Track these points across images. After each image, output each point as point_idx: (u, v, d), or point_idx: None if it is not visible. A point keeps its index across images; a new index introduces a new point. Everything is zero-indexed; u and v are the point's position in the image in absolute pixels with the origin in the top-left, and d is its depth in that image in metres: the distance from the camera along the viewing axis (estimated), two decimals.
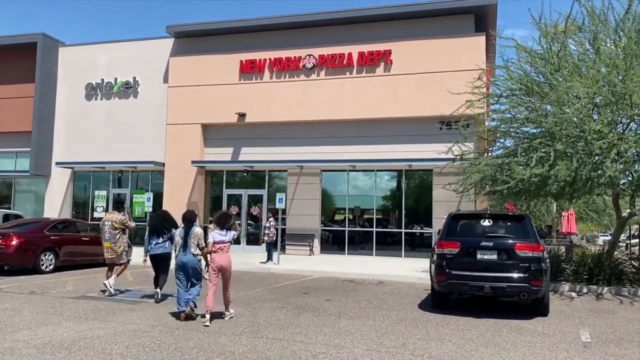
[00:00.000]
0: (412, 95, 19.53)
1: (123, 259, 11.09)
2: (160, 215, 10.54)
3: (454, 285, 9.05)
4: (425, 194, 20.12)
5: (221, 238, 8.31)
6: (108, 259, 10.95)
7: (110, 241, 10.82)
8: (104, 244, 10.91)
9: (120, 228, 10.96)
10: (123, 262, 11.11)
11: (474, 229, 9.54)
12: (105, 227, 10.88)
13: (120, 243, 10.97)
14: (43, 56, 24.07)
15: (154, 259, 10.14)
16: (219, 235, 8.33)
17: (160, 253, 10.00)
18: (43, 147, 24.08)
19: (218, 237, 8.30)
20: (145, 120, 23.05)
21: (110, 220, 10.94)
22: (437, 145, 19.13)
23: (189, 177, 21.82)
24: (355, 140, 20.37)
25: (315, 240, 20.54)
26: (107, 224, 10.89)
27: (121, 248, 10.99)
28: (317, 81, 20.69)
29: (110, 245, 10.82)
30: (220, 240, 8.29)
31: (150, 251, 10.08)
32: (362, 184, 20.99)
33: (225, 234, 8.36)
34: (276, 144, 21.28)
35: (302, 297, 10.74)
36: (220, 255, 8.25)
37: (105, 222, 10.96)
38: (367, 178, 20.84)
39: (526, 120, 12.67)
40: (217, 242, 8.28)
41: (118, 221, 10.96)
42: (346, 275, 14.56)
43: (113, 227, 10.87)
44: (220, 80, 21.78)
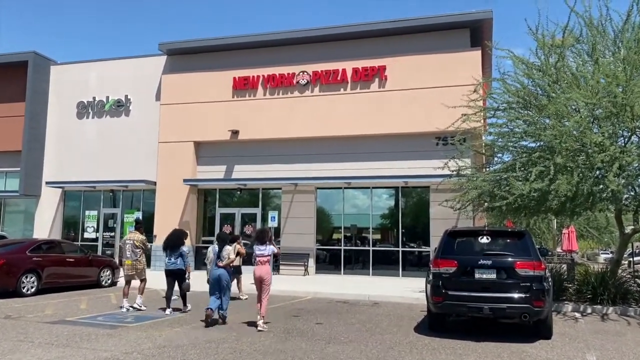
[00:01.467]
0: (408, 111, 19.18)
1: (143, 276, 11.76)
2: (177, 234, 11.48)
3: (451, 306, 8.53)
4: (422, 211, 19.64)
5: (261, 252, 9.38)
6: (128, 275, 11.62)
7: (132, 259, 11.55)
8: (124, 262, 11.62)
9: (140, 247, 11.70)
10: (143, 279, 11.80)
11: (471, 247, 9.05)
12: (126, 246, 11.62)
13: (141, 261, 11.70)
14: (34, 75, 23.78)
15: (169, 275, 11.10)
16: (259, 249, 9.39)
17: (176, 269, 11.03)
18: (33, 167, 23.63)
19: (258, 251, 9.38)
20: (137, 138, 22.66)
21: (132, 239, 11.68)
22: (433, 161, 18.60)
23: (181, 196, 21.35)
24: (350, 157, 19.95)
25: (311, 259, 19.99)
26: (129, 242, 11.64)
27: (141, 266, 11.70)
28: (311, 97, 20.36)
29: (131, 262, 11.55)
30: (260, 254, 9.37)
31: (165, 267, 11.18)
32: (358, 201, 20.52)
33: (265, 248, 9.41)
34: (270, 162, 20.86)
35: (292, 320, 10.20)
36: (260, 267, 9.32)
37: (127, 241, 11.73)
38: (363, 196, 20.38)
39: (524, 134, 12.26)
40: (257, 256, 9.36)
41: (139, 240, 11.71)
42: (341, 296, 14.01)
43: (135, 246, 11.62)
44: (213, 97, 21.45)
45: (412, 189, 19.88)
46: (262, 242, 9.45)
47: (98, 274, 15.62)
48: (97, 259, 16.04)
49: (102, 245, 23.03)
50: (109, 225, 23.22)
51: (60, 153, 23.89)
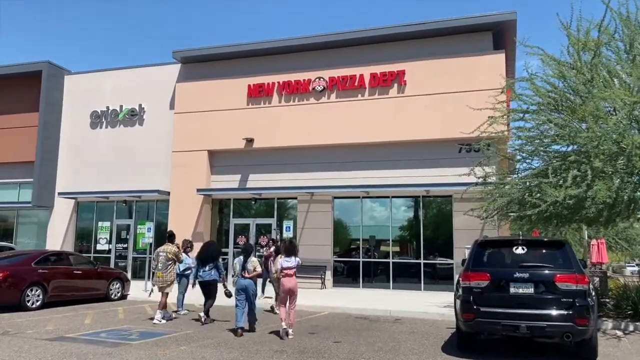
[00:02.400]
0: (428, 117, 18.41)
1: (169, 289, 11.66)
2: (214, 246, 12.12)
3: (484, 324, 7.69)
4: (444, 221, 18.78)
5: (288, 264, 9.66)
6: (161, 287, 11.61)
7: (162, 270, 11.59)
8: (156, 273, 11.68)
9: (172, 259, 11.78)
10: (166, 292, 11.62)
11: (505, 258, 8.21)
12: (159, 257, 11.66)
13: (171, 273, 11.72)
14: (48, 84, 23.52)
15: (204, 286, 11.41)
16: (286, 262, 9.69)
17: (211, 280, 11.34)
18: (46, 178, 23.29)
19: (285, 264, 9.67)
20: (151, 148, 22.21)
21: (165, 251, 11.73)
22: (456, 169, 17.86)
23: (194, 207, 20.77)
24: (369, 165, 19.20)
25: (328, 272, 19.21)
26: (162, 254, 11.69)
27: (170, 278, 11.68)
28: (328, 104, 19.70)
29: (161, 274, 11.58)
30: (287, 266, 9.65)
31: (199, 278, 11.48)
32: (377, 211, 19.72)
33: (292, 260, 9.72)
34: (285, 170, 20.20)
35: (308, 338, 9.42)
36: (289, 279, 9.61)
37: (160, 252, 11.75)
38: (382, 205, 19.58)
39: (557, 137, 11.39)
40: (285, 268, 9.65)
41: (172, 253, 11.80)
42: (360, 311, 13.20)
43: (167, 258, 11.68)
44: (227, 105, 20.92)
45: (433, 198, 19.03)
46: (290, 255, 9.78)
47: (107, 287, 15.05)
48: (106, 271, 15.47)
49: (115, 257, 22.52)
50: (121, 237, 22.72)
51: (74, 163, 23.54)
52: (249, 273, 10.00)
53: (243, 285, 9.91)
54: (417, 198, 19.01)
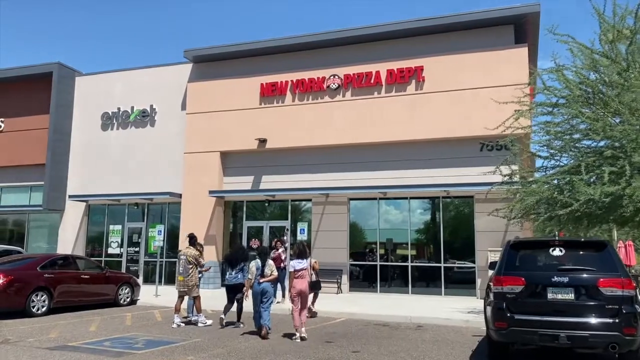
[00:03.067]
0: (448, 115, 17.68)
1: (195, 292, 11.33)
2: (241, 249, 12.01)
3: (518, 333, 6.98)
4: (465, 223, 18.02)
5: (301, 266, 9.71)
6: (180, 291, 11.32)
7: (183, 274, 11.22)
8: (177, 277, 11.41)
9: (193, 263, 11.38)
10: (196, 295, 11.33)
11: (541, 261, 7.49)
12: (180, 261, 11.40)
13: (192, 277, 11.29)
14: (59, 86, 23.21)
15: (230, 289, 11.22)
16: (299, 263, 9.71)
17: (238, 284, 11.05)
18: (57, 180, 22.96)
19: (298, 266, 9.69)
20: (162, 149, 21.76)
21: (186, 254, 11.41)
22: (476, 168, 17.30)
23: (207, 209, 20.24)
24: (386, 165, 18.52)
25: (344, 276, 18.55)
26: (182, 257, 11.40)
27: (192, 282, 11.27)
28: (343, 102, 19.07)
29: (182, 278, 11.21)
30: (300, 268, 9.69)
31: (226, 281, 11.40)
32: (394, 213, 19.02)
33: (304, 262, 9.77)
34: (299, 171, 19.60)
35: (325, 348, 8.78)
36: (300, 281, 9.65)
37: (181, 256, 11.49)
38: (400, 207, 18.86)
39: (590, 131, 10.64)
40: (297, 270, 9.68)
41: (192, 256, 11.41)
42: (379, 317, 12.51)
43: (187, 262, 11.32)
44: (239, 105, 20.39)
45: (454, 199, 18.27)
46: (302, 257, 9.82)
47: (116, 291, 14.55)
48: (114, 275, 14.97)
49: (127, 261, 22.08)
50: (133, 240, 22.27)
51: (85, 166, 23.19)
52: (266, 277, 9.98)
53: (260, 289, 9.90)
54: (436, 199, 18.28)
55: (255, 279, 10.00)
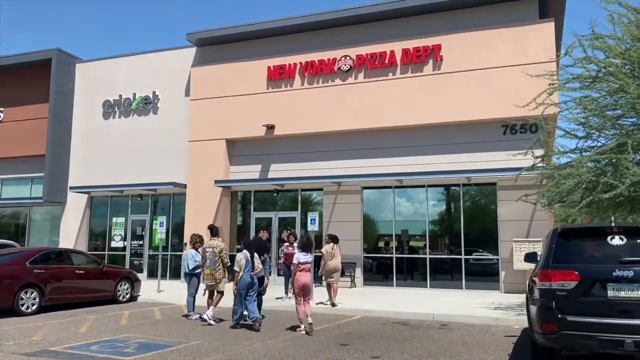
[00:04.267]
0: (467, 96, 16.47)
1: (222, 287, 10.80)
2: (262, 240, 11.64)
3: (572, 338, 5.84)
4: (488, 212, 16.83)
5: (305, 259, 9.54)
6: (208, 285, 10.70)
7: (211, 268, 10.60)
8: (204, 271, 10.73)
9: (219, 256, 10.72)
10: (220, 291, 10.77)
11: (597, 251, 6.31)
12: (207, 254, 10.71)
13: (220, 270, 10.72)
14: (58, 73, 22.26)
15: None
16: (303, 257, 9.55)
17: (261, 276, 10.46)
18: (58, 171, 22.06)
19: (303, 259, 9.52)
20: (166, 138, 20.76)
21: (212, 246, 10.75)
22: (499, 153, 16.18)
23: (212, 199, 19.23)
24: (402, 151, 17.37)
25: (358, 269, 17.46)
26: (209, 250, 10.73)
27: (220, 275, 10.72)
28: (355, 85, 17.90)
29: (210, 272, 10.60)
30: (305, 261, 9.52)
31: None
32: (411, 202, 17.86)
33: (308, 255, 9.62)
34: (310, 159, 18.49)
35: (339, 352, 7.71)
36: (304, 274, 9.43)
37: (207, 248, 10.81)
38: (417, 195, 17.70)
39: (638, 105, 9.40)
40: (301, 263, 9.47)
41: (219, 248, 10.77)
42: (398, 315, 11.40)
43: (214, 254, 10.67)
44: (246, 89, 19.30)
45: (475, 186, 17.08)
46: (307, 251, 9.64)
47: (114, 287, 13.59)
48: (112, 270, 14.01)
49: (130, 254, 21.16)
50: (137, 233, 21.34)
51: (86, 156, 22.27)
52: (257, 270, 9.85)
53: (251, 282, 9.70)
54: (456, 187, 17.09)
55: (244, 271, 9.66)
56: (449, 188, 17.33)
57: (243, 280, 9.67)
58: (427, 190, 17.38)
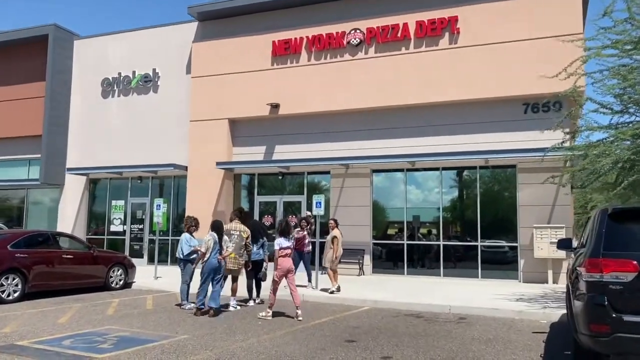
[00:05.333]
0: (486, 72, 15.31)
1: (241, 272, 10.43)
2: (260, 223, 11.49)
3: (629, 342, 4.79)
4: (506, 196, 15.74)
5: (288, 244, 9.23)
6: (233, 270, 10.06)
7: (236, 252, 9.99)
8: (229, 255, 9.90)
9: (246, 241, 10.17)
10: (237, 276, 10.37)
11: None
12: (232, 237, 10.00)
13: (245, 256, 10.23)
14: (55, 50, 21.30)
15: (253, 267, 10.62)
16: (285, 242, 9.20)
17: (260, 260, 10.76)
18: (55, 152, 21.19)
19: (285, 244, 9.18)
20: (167, 118, 19.79)
21: (238, 230, 10.08)
22: (519, 133, 15.13)
23: (214, 183, 18.28)
24: (415, 131, 16.27)
25: (366, 256, 16.48)
26: (235, 233, 10.05)
27: (243, 261, 10.22)
28: (366, 60, 16.77)
29: (235, 255, 9.96)
30: (287, 246, 9.20)
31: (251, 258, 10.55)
32: (424, 186, 16.79)
33: (288, 240, 9.31)
34: (316, 140, 17.45)
35: (345, 350, 6.73)
36: (286, 259, 9.13)
37: (232, 231, 10.08)
38: (431, 179, 16.62)
39: None
40: (283, 248, 9.12)
41: (247, 233, 10.18)
42: (410, 306, 10.40)
43: (241, 238, 10.05)
44: (249, 66, 18.22)
45: (493, 168, 15.97)
46: (286, 235, 9.30)
47: (106, 274, 12.70)
48: (104, 255, 13.12)
49: (130, 239, 20.31)
50: (137, 217, 20.47)
51: (84, 137, 21.36)
52: (226, 253, 9.57)
53: (217, 265, 9.40)
54: (473, 169, 15.99)
55: (211, 253, 9.33)
56: (465, 171, 16.24)
57: (210, 262, 9.33)
58: (441, 173, 16.29)
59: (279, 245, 9.13)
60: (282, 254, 9.07)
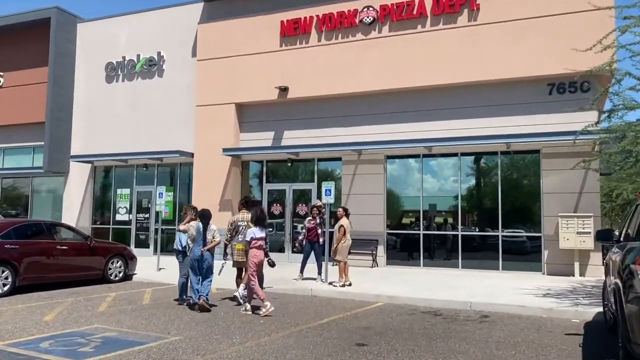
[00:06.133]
0: (508, 51, 14.32)
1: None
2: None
3: None
4: (529, 183, 14.80)
5: (261, 235, 8.62)
6: (240, 262, 9.49)
7: (244, 243, 9.29)
8: (235, 246, 9.57)
9: None
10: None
11: None
12: (240, 227, 9.51)
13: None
14: (58, 34, 20.62)
15: None
16: (259, 232, 8.59)
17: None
18: (59, 139, 20.60)
19: (259, 234, 8.58)
20: (172, 103, 19.07)
21: (246, 220, 9.46)
22: (544, 116, 14.16)
23: (221, 170, 17.55)
24: (431, 114, 15.35)
25: (380, 247, 15.67)
26: (243, 224, 9.51)
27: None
28: (379, 40, 15.83)
29: (243, 247, 9.37)
30: (261, 236, 8.60)
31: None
32: (441, 173, 15.86)
33: (263, 231, 8.65)
34: (327, 125, 16.60)
35: (355, 356, 5.94)
36: (260, 251, 8.58)
37: (240, 222, 9.62)
38: (448, 165, 15.71)
39: None
40: (257, 239, 8.54)
41: None
42: (428, 302, 9.57)
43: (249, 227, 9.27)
44: (257, 48, 17.39)
45: (513, 154, 15.01)
46: (262, 225, 8.69)
47: (105, 265, 12.04)
48: (102, 246, 12.43)
49: (136, 229, 19.70)
50: (143, 206, 19.84)
51: (89, 123, 20.73)
52: (209, 243, 8.82)
53: (198, 255, 8.72)
54: (494, 155, 15.04)
55: (195, 243, 8.76)
56: (485, 157, 15.30)
57: (193, 253, 8.77)
58: (459, 159, 15.36)
59: (252, 235, 8.53)
60: (255, 244, 8.51)
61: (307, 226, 12.20)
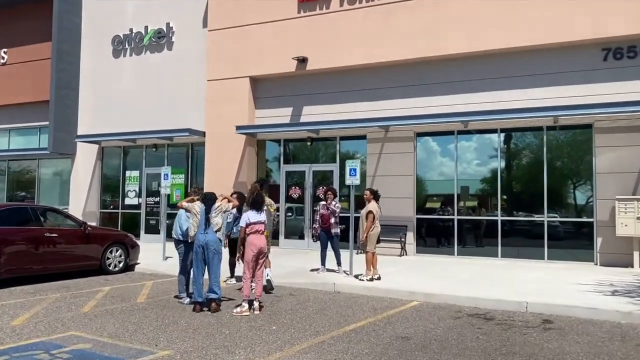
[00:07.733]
0: (555, 11, 12.53)
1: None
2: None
3: None
4: (580, 162, 13.08)
5: (257, 219, 7.62)
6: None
7: (267, 228, 8.44)
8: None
9: (274, 215, 9.50)
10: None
11: None
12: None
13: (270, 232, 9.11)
14: (62, 6, 19.29)
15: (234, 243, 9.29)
16: (255, 215, 7.64)
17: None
18: (65, 119, 19.39)
19: (254, 218, 7.60)
20: (182, 77, 17.67)
21: (267, 204, 8.76)
22: (597, 85, 12.42)
23: (235, 150, 16.16)
24: (467, 86, 13.69)
25: (409, 233, 14.14)
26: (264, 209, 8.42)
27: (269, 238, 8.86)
28: (407, 3, 14.14)
29: (267, 233, 8.32)
30: (256, 220, 7.60)
31: (231, 235, 9.49)
32: (478, 151, 14.17)
33: (259, 214, 7.66)
34: (350, 99, 15.04)
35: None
36: (258, 237, 7.55)
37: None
38: (487, 142, 14.02)
39: None
40: (252, 223, 7.55)
41: (274, 206, 9.40)
42: (473, 301, 8.01)
43: (269, 213, 8.96)
44: (273, 15, 15.83)
45: (561, 130, 13.27)
46: (258, 209, 7.65)
47: (102, 254, 10.75)
48: (99, 233, 11.16)
49: (145, 213, 18.45)
50: (152, 189, 18.58)
51: (95, 101, 19.47)
52: (216, 226, 7.64)
53: (204, 242, 7.51)
54: (539, 131, 13.32)
55: (199, 226, 7.57)
56: (529, 132, 13.59)
57: (197, 239, 7.59)
58: (499, 135, 13.68)
59: (246, 220, 7.51)
60: (252, 230, 7.46)
61: (320, 212, 10.69)
